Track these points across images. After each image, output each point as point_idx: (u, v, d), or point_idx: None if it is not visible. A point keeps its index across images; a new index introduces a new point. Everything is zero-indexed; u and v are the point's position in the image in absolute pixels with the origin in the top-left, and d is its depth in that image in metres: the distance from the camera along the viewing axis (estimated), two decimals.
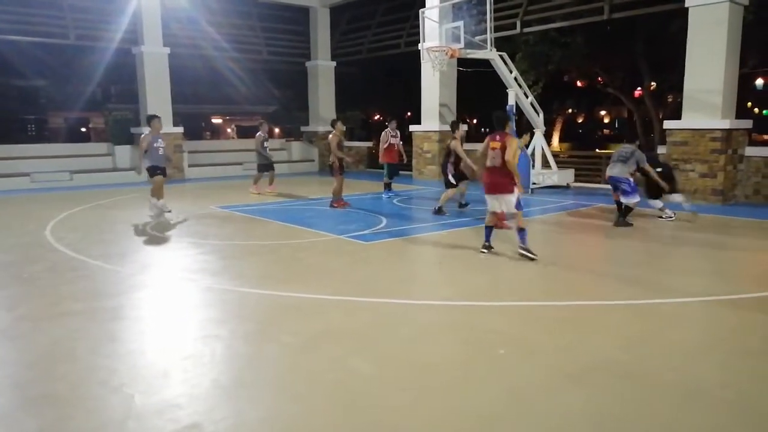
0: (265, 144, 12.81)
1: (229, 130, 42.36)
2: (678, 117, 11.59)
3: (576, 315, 4.70)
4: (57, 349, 4.00)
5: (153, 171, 9.76)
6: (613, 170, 8.56)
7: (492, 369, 3.64)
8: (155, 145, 9.62)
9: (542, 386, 3.39)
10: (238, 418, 3.05)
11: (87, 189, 14.07)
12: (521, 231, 6.56)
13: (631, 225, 8.50)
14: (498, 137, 6.50)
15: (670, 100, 22.74)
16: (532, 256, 6.39)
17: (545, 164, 13.87)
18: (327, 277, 5.88)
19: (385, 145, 12.38)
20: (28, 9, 15.51)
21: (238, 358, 3.89)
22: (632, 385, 3.39)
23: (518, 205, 6.54)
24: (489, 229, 6.81)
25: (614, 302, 5.00)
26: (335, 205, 10.54)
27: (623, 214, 8.60)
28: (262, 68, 26.88)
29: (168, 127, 16.80)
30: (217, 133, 41.91)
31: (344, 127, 11.19)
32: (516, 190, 6.45)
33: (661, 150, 11.87)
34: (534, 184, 12.92)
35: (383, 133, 12.61)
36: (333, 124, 10.71)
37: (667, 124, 11.68)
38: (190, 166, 17.54)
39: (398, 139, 12.53)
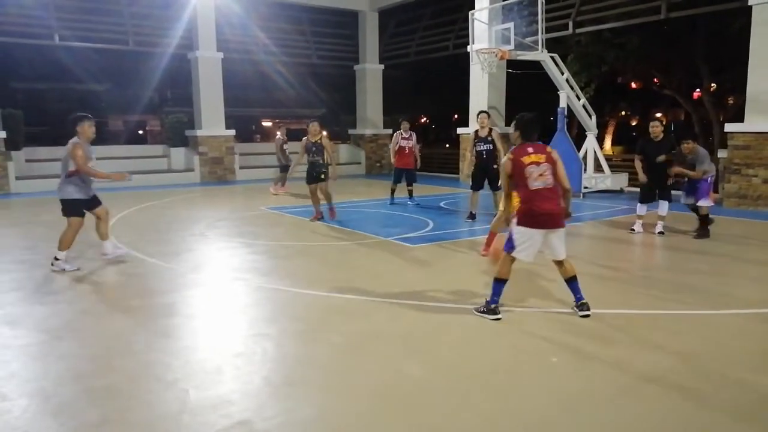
0: (285, 146, 13.23)
1: (278, 133, 43.12)
2: (740, 120, 11.11)
3: (630, 324, 4.56)
4: (115, 343, 4.15)
5: (76, 208, 6.23)
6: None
7: (542, 376, 3.57)
8: (90, 163, 6.13)
9: (594, 396, 3.30)
10: (287, 416, 3.09)
11: (144, 189, 14.58)
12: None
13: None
14: (532, 149, 4.55)
15: (731, 102, 21.84)
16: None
17: (597, 168, 13.54)
18: (374, 279, 5.89)
19: (396, 149, 11.36)
20: (90, 17, 16.25)
21: (287, 357, 3.94)
22: (689, 398, 3.26)
23: (509, 244, 4.58)
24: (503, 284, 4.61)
25: (670, 312, 4.82)
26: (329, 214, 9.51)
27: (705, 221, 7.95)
28: (310, 72, 27.27)
29: (220, 129, 17.33)
30: (266, 135, 42.72)
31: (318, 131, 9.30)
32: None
33: (721, 154, 11.41)
34: (585, 188, 12.62)
35: (394, 135, 11.58)
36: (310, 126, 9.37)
37: (729, 127, 11.21)
38: (240, 168, 17.95)
39: (411, 141, 11.38)
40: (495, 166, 8.62)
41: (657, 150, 7.87)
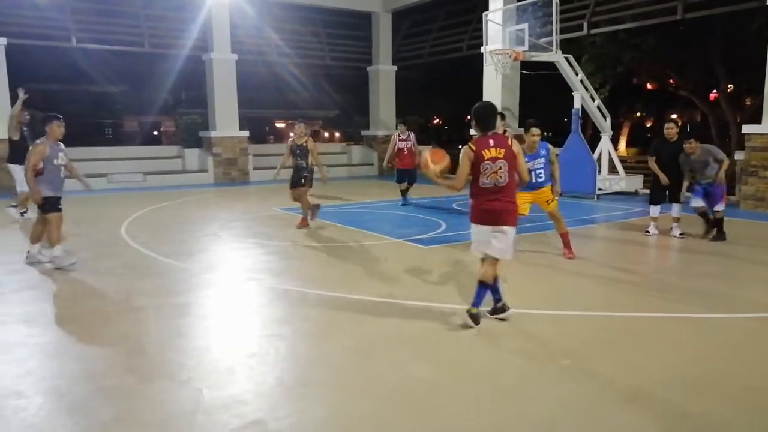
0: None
1: (291, 134, 43.33)
2: (757, 121, 10.96)
3: (642, 327, 4.51)
4: (129, 342, 4.19)
5: (52, 204, 6.31)
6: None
7: (552, 379, 3.54)
8: (56, 161, 6.29)
9: (605, 400, 3.26)
10: (300, 416, 3.10)
11: (159, 190, 14.70)
12: (485, 287, 4.46)
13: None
14: (493, 142, 4.33)
15: (748, 103, 21.54)
16: (503, 316, 4.58)
17: (612, 170, 13.43)
18: (386, 281, 5.88)
19: (395, 151, 11.43)
20: (106, 19, 16.42)
21: (300, 358, 3.95)
22: (703, 402, 3.22)
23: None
24: (486, 289, 4.47)
25: (682, 315, 4.76)
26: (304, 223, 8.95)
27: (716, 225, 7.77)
28: (323, 73, 27.37)
29: (234, 130, 17.42)
30: (280, 137, 42.91)
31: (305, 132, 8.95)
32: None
33: (738, 156, 11.26)
34: (600, 190, 12.52)
35: (392, 137, 11.74)
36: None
37: (746, 129, 11.07)
38: (254, 169, 18.03)
39: (410, 142, 11.45)
40: None
41: (671, 151, 7.78)
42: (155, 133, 36.98)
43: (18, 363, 3.79)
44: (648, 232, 8.16)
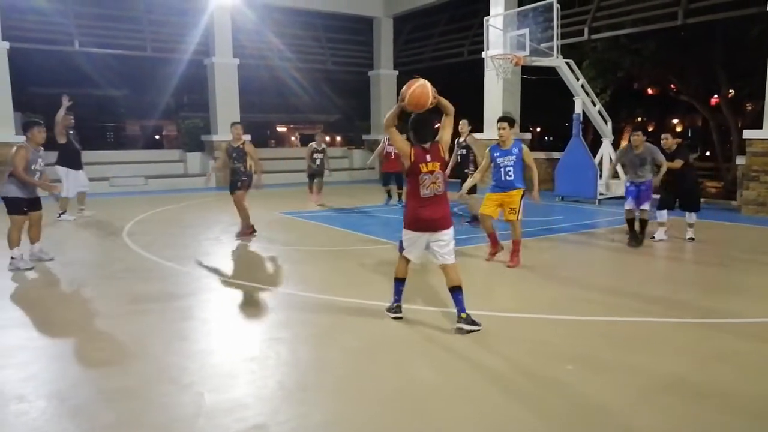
0: (315, 155, 13.07)
1: (293, 138, 43.36)
2: (758, 126, 10.96)
3: (644, 332, 4.51)
4: (131, 346, 4.19)
5: (16, 206, 6.39)
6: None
7: (556, 384, 3.54)
8: (34, 167, 6.44)
9: (609, 404, 3.27)
10: (301, 420, 3.10)
11: (160, 193, 14.73)
12: (458, 291, 4.47)
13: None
14: (430, 157, 4.44)
15: (749, 108, 21.54)
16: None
17: (613, 174, 13.42)
18: (388, 285, 5.87)
19: (383, 154, 11.69)
20: (109, 23, 16.50)
21: (301, 362, 3.96)
22: (707, 406, 3.22)
23: (401, 245, 4.70)
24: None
25: (685, 320, 4.77)
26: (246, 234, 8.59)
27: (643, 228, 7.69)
28: (325, 77, 27.36)
29: None
30: (281, 141, 42.97)
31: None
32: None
33: (739, 161, 11.27)
34: (601, 194, 12.53)
35: (382, 141, 11.97)
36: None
37: (747, 134, 11.07)
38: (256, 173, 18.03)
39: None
40: (466, 170, 8.88)
41: (671, 161, 7.69)
42: (157, 136, 37.02)
43: (20, 367, 3.80)
44: (653, 237, 8.08)
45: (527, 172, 6.67)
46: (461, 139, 9.28)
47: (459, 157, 9.24)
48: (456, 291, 4.46)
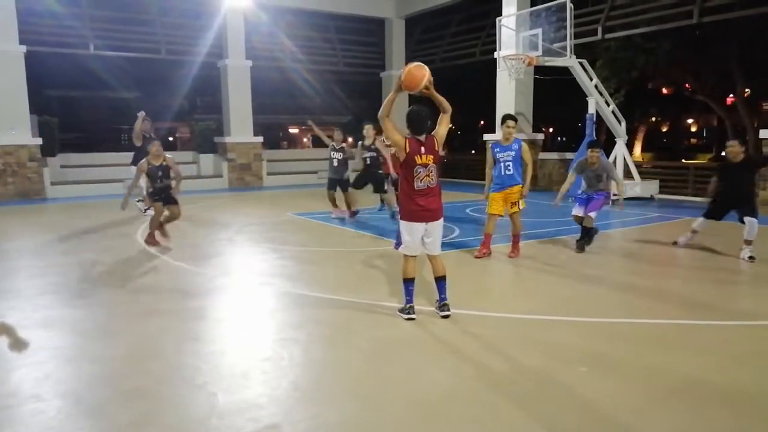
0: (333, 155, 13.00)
1: (305, 139, 43.51)
2: None
3: (662, 334, 4.46)
4: (146, 346, 4.22)
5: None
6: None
7: (570, 386, 3.50)
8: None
9: (625, 406, 3.23)
10: (315, 420, 3.10)
11: None
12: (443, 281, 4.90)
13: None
14: (424, 149, 4.68)
15: (765, 107, 21.29)
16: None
17: (627, 175, 13.32)
18: (401, 286, 5.87)
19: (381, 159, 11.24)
20: (123, 27, 16.65)
21: (315, 362, 3.96)
22: (727, 409, 3.17)
23: (398, 241, 4.93)
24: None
25: (704, 322, 4.70)
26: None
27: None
28: (336, 79, 27.47)
29: (248, 136, 17.57)
30: (293, 142, 43.12)
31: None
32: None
33: None
34: (615, 195, 12.41)
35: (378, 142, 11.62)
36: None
37: (763, 133, 10.94)
38: (268, 174, 18.14)
39: (393, 149, 11.28)
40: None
41: (739, 172, 7.07)
42: (170, 138, 37.31)
43: (37, 366, 3.84)
44: (676, 242, 7.75)
45: (523, 167, 6.92)
46: (367, 143, 9.78)
47: (368, 159, 9.79)
48: (441, 280, 4.87)
